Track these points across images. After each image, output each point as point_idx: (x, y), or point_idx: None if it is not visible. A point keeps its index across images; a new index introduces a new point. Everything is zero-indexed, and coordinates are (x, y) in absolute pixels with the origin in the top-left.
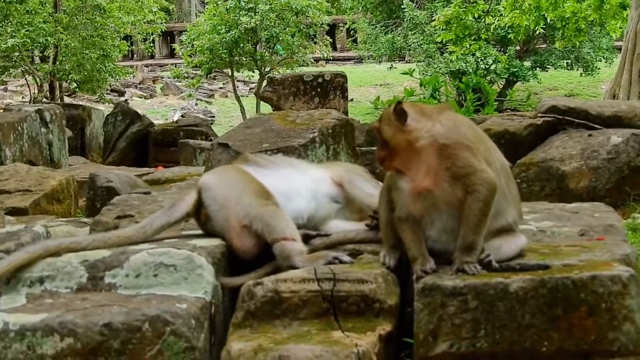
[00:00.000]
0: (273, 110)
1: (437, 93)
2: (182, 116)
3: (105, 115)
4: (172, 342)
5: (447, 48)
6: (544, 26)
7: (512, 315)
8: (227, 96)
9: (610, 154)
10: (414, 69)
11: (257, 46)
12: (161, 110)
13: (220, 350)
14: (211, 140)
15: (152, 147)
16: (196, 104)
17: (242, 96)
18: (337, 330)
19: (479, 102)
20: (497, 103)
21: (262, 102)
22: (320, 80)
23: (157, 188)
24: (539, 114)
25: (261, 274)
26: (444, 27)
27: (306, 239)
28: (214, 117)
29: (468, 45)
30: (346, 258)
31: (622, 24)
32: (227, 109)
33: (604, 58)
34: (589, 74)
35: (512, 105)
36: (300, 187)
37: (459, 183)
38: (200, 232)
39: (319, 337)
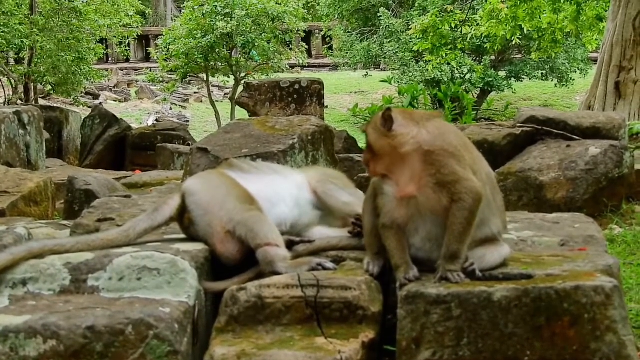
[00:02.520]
0: (250, 116)
1: (415, 102)
2: (156, 120)
3: (83, 118)
4: (155, 346)
5: (423, 57)
6: (520, 37)
7: (495, 324)
8: (201, 101)
9: (589, 165)
10: (392, 77)
11: (233, 51)
12: (136, 114)
13: (202, 355)
14: (189, 144)
15: (129, 150)
16: (171, 109)
17: (217, 101)
18: (320, 336)
19: (456, 112)
20: (473, 113)
21: (237, 108)
22: (296, 86)
23: (136, 191)
24: (518, 124)
25: (244, 279)
26: (421, 36)
27: (290, 245)
28: (188, 121)
29: (444, 55)
30: (330, 265)
31: (598, 36)
32: (201, 113)
33: (578, 69)
34: (563, 84)
35: (487, 114)
36: (284, 194)
37: (444, 191)
38: (182, 236)
39: (302, 343)
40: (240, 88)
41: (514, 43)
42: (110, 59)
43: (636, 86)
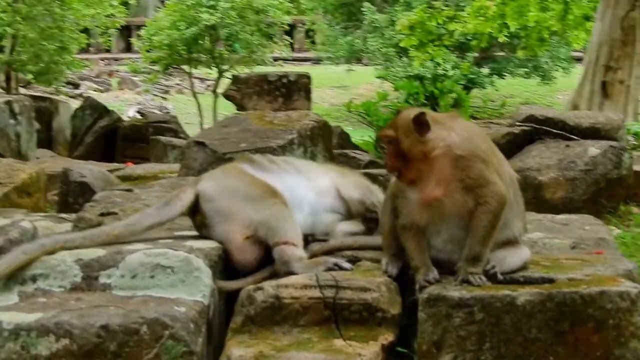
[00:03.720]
0: (237, 109)
1: (411, 98)
2: (137, 111)
3: (73, 108)
4: (171, 346)
5: (407, 52)
6: (507, 34)
7: (518, 328)
8: (182, 93)
9: (588, 165)
10: (387, 73)
11: (217, 44)
12: (117, 104)
13: (217, 355)
14: (181, 137)
15: (120, 142)
16: (152, 100)
17: (199, 93)
18: (338, 338)
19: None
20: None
21: (219, 100)
22: (284, 80)
23: (129, 184)
24: (517, 123)
25: (258, 279)
26: (408, 32)
27: (305, 242)
28: (169, 113)
29: (431, 51)
30: (346, 265)
31: (585, 35)
32: (182, 105)
33: (561, 68)
34: (546, 83)
35: (470, 112)
36: (302, 200)
37: (471, 194)
38: (194, 232)
39: (321, 345)
40: (224, 81)
41: (501, 41)
42: (91, 48)
43: (623, 86)
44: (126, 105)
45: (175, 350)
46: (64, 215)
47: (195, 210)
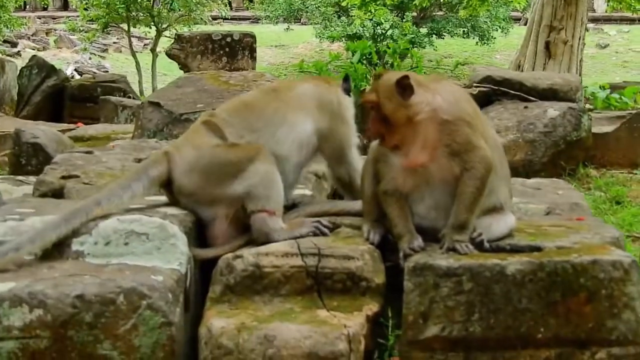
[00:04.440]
0: (180, 68)
1: (363, 59)
2: (75, 70)
3: (19, 67)
4: (148, 317)
5: (346, 11)
6: None
7: (508, 298)
8: (120, 51)
9: (547, 127)
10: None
11: (155, 2)
12: (54, 62)
13: (194, 326)
14: (130, 97)
15: (68, 102)
16: (90, 58)
17: (137, 52)
18: (321, 308)
19: (407, 69)
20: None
21: (157, 59)
22: (228, 39)
23: (82, 145)
24: (474, 84)
25: (235, 247)
26: None
27: None
28: (107, 71)
29: (372, 10)
30: (326, 223)
31: None
32: (120, 64)
33: (500, 28)
34: (484, 43)
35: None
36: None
37: (457, 159)
38: (163, 198)
39: (304, 315)
40: (162, 39)
41: (442, 1)
42: (27, 6)
43: (566, 46)
44: (64, 63)
45: (153, 321)
46: (21, 177)
47: (167, 185)
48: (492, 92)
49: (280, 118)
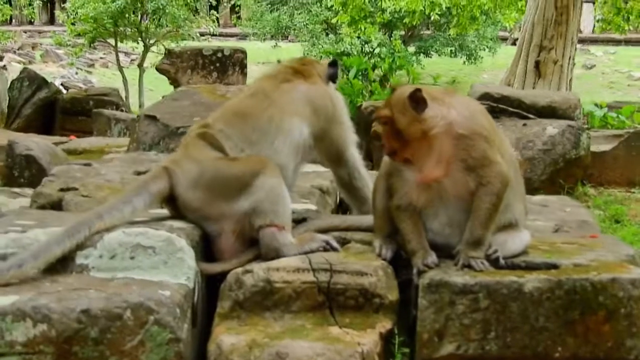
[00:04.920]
0: (170, 83)
1: (360, 75)
2: (62, 84)
3: (10, 79)
4: (156, 333)
5: (335, 29)
6: (438, 13)
7: (525, 317)
8: (107, 66)
9: (546, 145)
10: (324, 52)
11: (143, 18)
12: None
13: (201, 342)
14: (122, 110)
15: (59, 115)
16: (76, 73)
17: (124, 67)
18: (333, 325)
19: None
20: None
21: (144, 75)
22: (219, 55)
23: (76, 158)
24: None
25: (243, 261)
26: (340, 8)
27: None
28: (94, 86)
29: (363, 28)
30: (336, 244)
31: (516, 14)
32: (107, 79)
33: (487, 47)
34: (471, 62)
35: None
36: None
37: (473, 175)
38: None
39: (316, 332)
40: (149, 55)
41: (431, 19)
42: (14, 20)
43: (556, 66)
44: (50, 78)
45: (161, 337)
46: (17, 190)
47: (169, 200)
48: (491, 109)
49: (275, 127)
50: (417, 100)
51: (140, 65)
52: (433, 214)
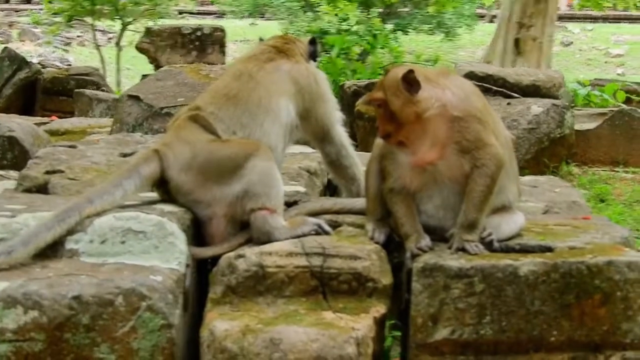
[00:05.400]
0: (150, 62)
1: (343, 53)
2: (39, 63)
3: None
4: (148, 319)
5: (313, 7)
6: None
7: (520, 301)
8: (84, 45)
9: (531, 124)
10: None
11: None
12: None
13: (193, 327)
14: (104, 90)
15: (40, 95)
16: (53, 52)
17: (101, 46)
18: (327, 310)
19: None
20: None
21: (122, 53)
22: (198, 33)
23: (57, 139)
24: None
25: (234, 245)
26: None
27: None
28: (70, 65)
29: (342, 6)
30: (328, 227)
31: None
32: (84, 57)
33: (465, 24)
34: (449, 39)
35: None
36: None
37: (467, 156)
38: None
39: (310, 318)
40: (127, 33)
41: None
42: None
43: (535, 43)
44: (27, 56)
45: (153, 323)
46: (1, 172)
47: (159, 184)
48: None
49: (264, 108)
50: (411, 82)
51: (117, 44)
52: (427, 196)
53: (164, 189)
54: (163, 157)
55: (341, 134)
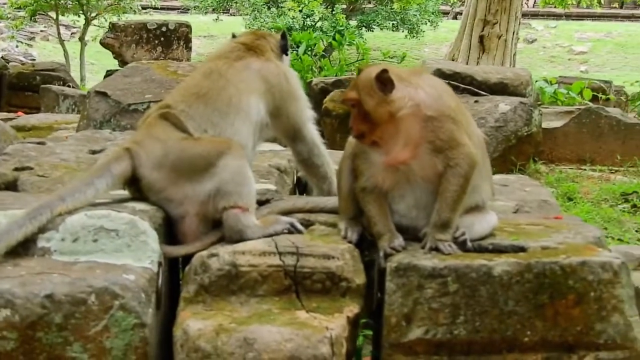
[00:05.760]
0: (114, 57)
1: (310, 50)
2: (2, 58)
3: None
4: (121, 318)
5: (277, 3)
6: None
7: (494, 301)
8: (48, 40)
9: (498, 122)
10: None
11: None
12: None
13: (165, 327)
14: (70, 86)
15: (5, 90)
16: (17, 46)
17: (65, 41)
18: (300, 310)
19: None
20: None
21: (86, 48)
22: (164, 29)
23: (24, 135)
24: None
25: (207, 244)
26: None
27: None
28: (34, 60)
29: (306, 2)
30: (300, 226)
31: None
32: (48, 52)
33: (429, 21)
34: (413, 36)
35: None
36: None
37: (440, 156)
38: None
39: (283, 317)
40: (91, 28)
41: None
42: None
43: (500, 41)
44: None
45: (126, 322)
46: None
47: (131, 182)
48: None
49: (234, 107)
50: (384, 82)
51: (81, 39)
52: (399, 196)
53: (136, 187)
54: (135, 155)
55: (313, 132)
